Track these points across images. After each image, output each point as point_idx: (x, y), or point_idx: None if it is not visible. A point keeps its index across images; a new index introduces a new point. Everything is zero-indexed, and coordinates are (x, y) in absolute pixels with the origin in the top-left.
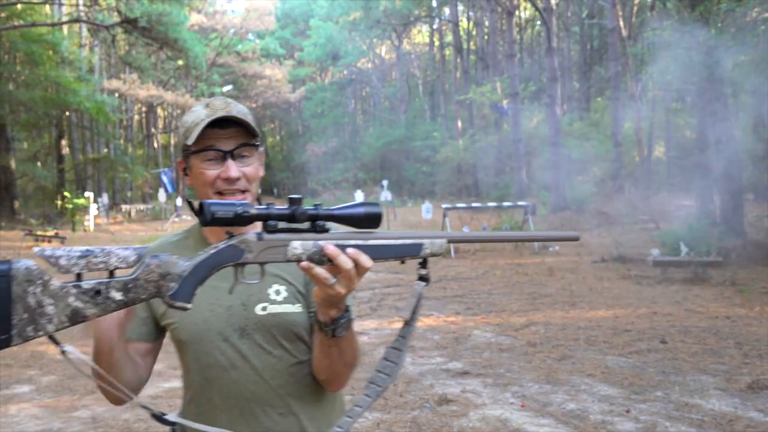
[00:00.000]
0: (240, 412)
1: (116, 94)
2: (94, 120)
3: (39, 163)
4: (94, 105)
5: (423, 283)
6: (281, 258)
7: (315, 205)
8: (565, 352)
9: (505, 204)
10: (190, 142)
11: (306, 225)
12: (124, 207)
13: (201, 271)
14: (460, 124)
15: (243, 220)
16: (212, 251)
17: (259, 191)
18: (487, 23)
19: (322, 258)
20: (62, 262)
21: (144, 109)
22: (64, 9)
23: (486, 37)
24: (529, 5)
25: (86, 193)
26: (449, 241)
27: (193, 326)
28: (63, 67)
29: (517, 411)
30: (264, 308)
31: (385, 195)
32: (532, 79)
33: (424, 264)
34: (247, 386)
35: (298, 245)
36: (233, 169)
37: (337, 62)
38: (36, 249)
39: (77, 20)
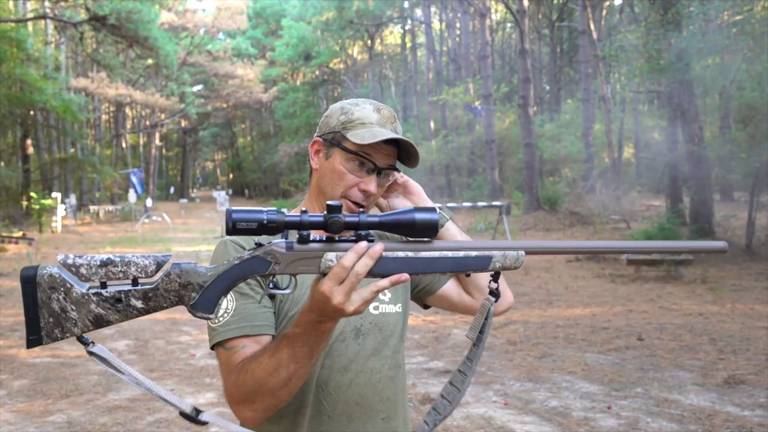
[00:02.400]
0: (348, 419)
1: (84, 93)
2: (61, 119)
3: (2, 163)
4: (60, 104)
5: (492, 299)
6: (315, 270)
7: (359, 212)
8: (545, 350)
9: (480, 204)
10: (355, 139)
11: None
12: (93, 208)
13: (224, 282)
14: (432, 125)
15: (269, 230)
16: (236, 262)
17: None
18: (459, 25)
19: None
20: (83, 271)
21: (112, 108)
22: (29, 5)
23: (458, 38)
24: (501, 7)
25: (53, 194)
26: (527, 253)
27: None
28: (28, 65)
29: (501, 409)
30: (376, 308)
31: None
32: (503, 80)
33: (495, 278)
34: (357, 389)
35: (333, 257)
36: (374, 185)
37: (309, 62)
38: (59, 256)
39: (43, 17)
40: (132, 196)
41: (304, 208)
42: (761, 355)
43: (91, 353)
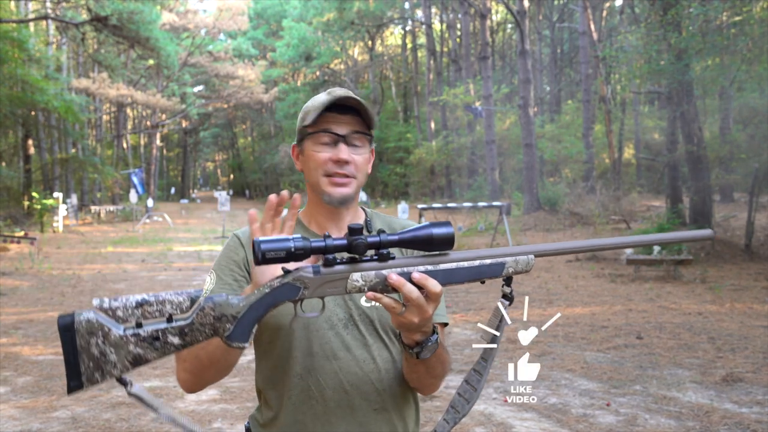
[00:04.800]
0: (337, 404)
1: (85, 93)
2: (62, 119)
3: (4, 164)
4: (62, 104)
5: (507, 302)
6: (342, 291)
7: (379, 231)
8: (545, 348)
9: (481, 204)
10: (307, 122)
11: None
12: (94, 208)
13: (256, 311)
14: (433, 125)
15: (297, 257)
16: (266, 290)
17: (367, 200)
18: (459, 26)
19: (386, 288)
20: (119, 313)
21: (113, 108)
22: (31, 5)
23: (459, 39)
24: (501, 8)
25: (55, 194)
26: (537, 256)
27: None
28: (30, 65)
29: (501, 406)
30: (368, 300)
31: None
32: (504, 81)
33: (508, 282)
34: (348, 378)
35: (358, 277)
36: (344, 151)
37: (310, 63)
38: (94, 301)
39: (45, 17)
40: (133, 196)
41: (326, 234)
42: (759, 353)
43: (131, 394)
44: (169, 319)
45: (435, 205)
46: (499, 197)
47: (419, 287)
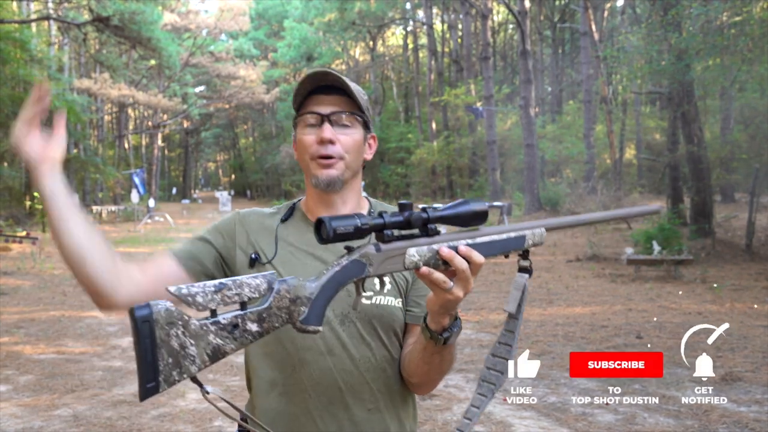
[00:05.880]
0: (329, 401)
1: (87, 94)
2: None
3: (5, 164)
4: (64, 104)
5: (526, 275)
6: (400, 267)
7: (424, 208)
8: (545, 347)
9: None
10: (295, 106)
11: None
12: (95, 208)
13: (328, 291)
14: (434, 125)
15: (363, 233)
16: (336, 269)
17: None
18: (461, 26)
19: (437, 262)
20: (199, 299)
21: (115, 109)
22: (33, 6)
23: (460, 39)
24: (502, 8)
25: None
26: (547, 229)
27: None
28: (32, 66)
29: (500, 404)
30: (369, 297)
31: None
32: (505, 81)
33: (525, 255)
34: (342, 375)
35: (414, 252)
36: (327, 130)
37: (311, 63)
38: (171, 288)
39: (47, 18)
40: (134, 196)
41: (382, 210)
42: (759, 353)
43: (206, 393)
44: (243, 306)
45: (436, 205)
46: (500, 197)
47: (466, 260)
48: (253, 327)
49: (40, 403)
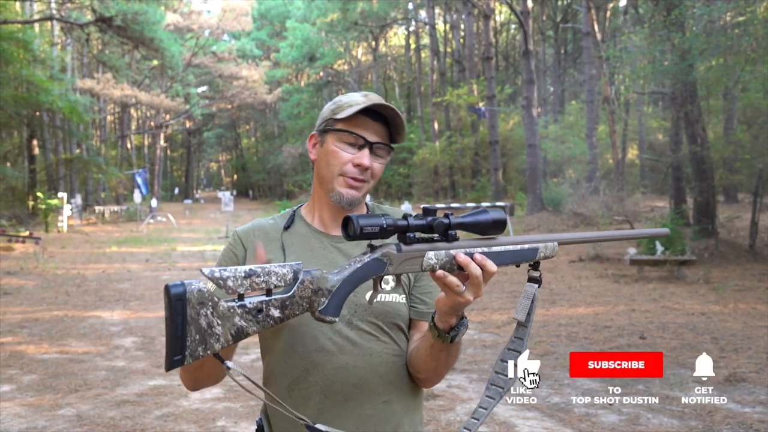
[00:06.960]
0: (345, 398)
1: (90, 94)
2: (67, 120)
3: (9, 164)
4: (66, 104)
5: (535, 285)
6: (417, 268)
7: (446, 215)
8: (548, 348)
9: (484, 204)
10: (341, 116)
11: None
12: (98, 208)
13: (349, 285)
14: (436, 126)
15: (387, 233)
16: (358, 265)
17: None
18: (463, 26)
19: (452, 266)
20: (230, 283)
21: (118, 109)
22: (36, 6)
23: (462, 40)
24: (505, 8)
25: (59, 194)
26: (559, 243)
27: None
28: (35, 66)
29: (503, 405)
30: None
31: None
32: (507, 81)
33: (535, 267)
34: (355, 371)
35: (432, 255)
36: (367, 158)
37: (313, 64)
38: (205, 270)
39: (50, 18)
40: (137, 196)
41: (407, 214)
42: (762, 353)
43: (228, 368)
44: (268, 293)
45: (438, 205)
46: (503, 198)
47: (480, 267)
48: (276, 313)
49: (43, 403)
